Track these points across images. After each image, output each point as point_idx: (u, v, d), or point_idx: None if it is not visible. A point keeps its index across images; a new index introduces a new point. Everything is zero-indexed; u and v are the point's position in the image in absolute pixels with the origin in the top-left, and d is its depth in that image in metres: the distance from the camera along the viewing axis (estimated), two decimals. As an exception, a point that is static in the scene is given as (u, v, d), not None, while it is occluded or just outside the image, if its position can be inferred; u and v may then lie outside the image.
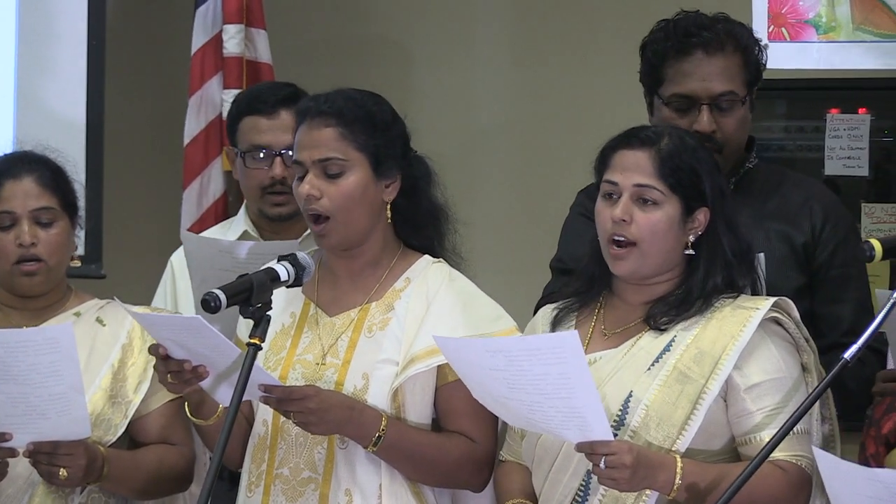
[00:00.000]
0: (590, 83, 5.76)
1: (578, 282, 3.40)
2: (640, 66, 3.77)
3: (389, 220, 3.43)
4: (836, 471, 2.83)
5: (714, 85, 3.65)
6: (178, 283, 4.13)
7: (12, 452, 3.35)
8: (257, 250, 3.77)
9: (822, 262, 3.70)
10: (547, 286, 3.79)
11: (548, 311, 3.41)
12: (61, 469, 3.34)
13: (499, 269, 3.82)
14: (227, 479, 3.80)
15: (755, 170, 3.78)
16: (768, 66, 3.80)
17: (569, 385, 2.98)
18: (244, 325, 3.43)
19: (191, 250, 3.98)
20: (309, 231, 3.98)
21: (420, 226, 3.47)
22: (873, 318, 3.05)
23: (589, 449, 3.03)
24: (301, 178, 3.37)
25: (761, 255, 3.48)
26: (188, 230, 4.95)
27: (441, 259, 3.47)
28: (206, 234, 4.38)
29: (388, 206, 3.42)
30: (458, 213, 3.50)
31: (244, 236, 4.17)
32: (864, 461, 3.14)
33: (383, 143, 3.38)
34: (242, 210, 4.26)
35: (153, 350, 3.22)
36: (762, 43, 3.76)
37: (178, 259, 4.17)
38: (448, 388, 3.33)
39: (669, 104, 3.69)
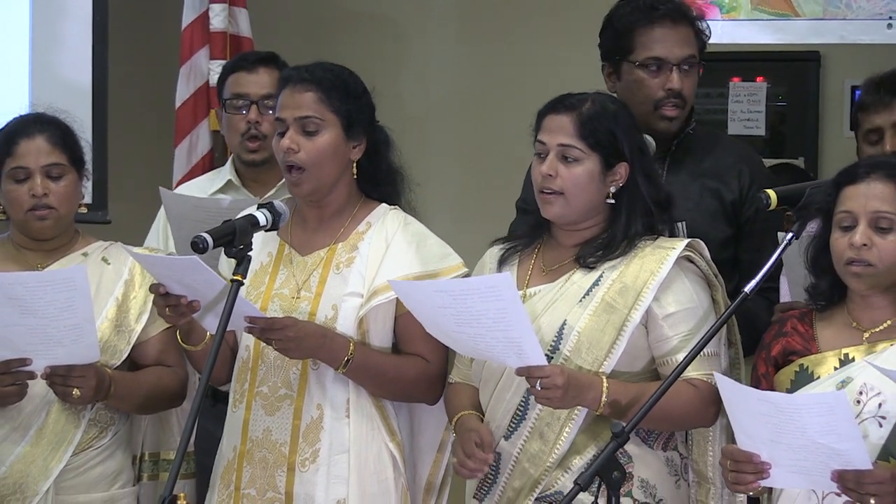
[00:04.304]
0: (527, 56, 5.75)
1: (525, 227, 3.40)
2: (601, 37, 3.74)
3: (355, 177, 3.41)
4: (733, 392, 2.87)
5: (682, 49, 3.65)
6: (170, 223, 4.10)
7: (31, 375, 3.34)
8: (225, 205, 3.78)
9: (749, 216, 3.69)
10: (512, 223, 3.78)
11: (495, 251, 3.40)
12: (74, 389, 3.34)
13: (448, 219, 3.81)
14: (211, 396, 3.83)
15: (693, 133, 3.77)
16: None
17: (506, 319, 2.99)
18: (226, 266, 3.41)
19: (169, 206, 3.97)
20: (282, 181, 3.98)
21: (380, 183, 3.45)
22: (769, 257, 3.06)
23: (526, 373, 3.05)
24: (282, 134, 3.35)
25: (682, 224, 3.50)
26: (179, 182, 4.94)
27: (397, 206, 3.46)
28: (196, 181, 4.39)
29: (354, 165, 3.40)
30: (413, 172, 3.49)
31: (228, 184, 4.17)
32: (756, 379, 3.17)
33: (355, 109, 3.37)
34: (228, 162, 4.26)
35: (153, 288, 3.22)
36: (706, 22, 3.75)
37: None
38: (405, 316, 3.31)
39: (644, 66, 3.65)
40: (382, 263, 3.33)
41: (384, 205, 3.44)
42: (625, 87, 3.67)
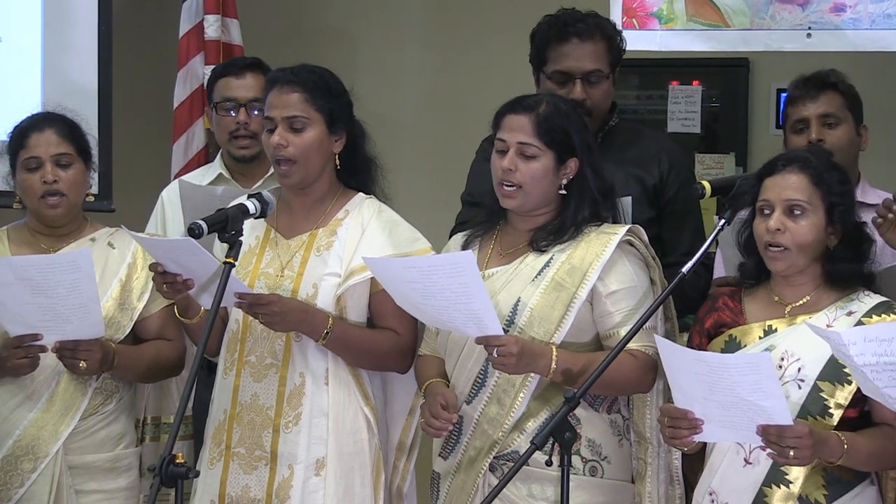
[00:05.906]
0: (489, 61, 5.76)
1: (483, 214, 3.40)
2: (529, 50, 3.76)
3: (338, 167, 3.41)
4: (671, 353, 2.89)
5: (585, 64, 3.64)
6: (167, 212, 4.11)
7: (42, 349, 3.35)
8: (233, 195, 3.73)
9: (669, 199, 3.71)
10: (458, 215, 3.79)
11: (458, 238, 3.42)
12: (81, 361, 3.35)
13: (417, 208, 3.81)
14: (206, 367, 3.80)
15: (617, 127, 3.78)
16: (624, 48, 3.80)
17: (467, 293, 3.00)
18: (219, 249, 3.40)
19: (185, 195, 3.96)
20: (270, 173, 3.98)
21: (358, 172, 3.45)
22: (705, 241, 3.09)
23: (485, 342, 3.07)
24: (270, 132, 3.35)
25: (628, 199, 3.51)
26: (176, 175, 4.92)
27: (372, 195, 3.46)
28: (188, 176, 4.37)
29: (336, 156, 3.40)
30: (386, 164, 3.49)
31: (219, 177, 4.16)
32: (692, 350, 3.18)
33: (336, 107, 3.37)
34: (218, 157, 4.25)
35: (153, 267, 3.22)
36: (622, 34, 3.76)
37: (167, 194, 4.15)
38: (379, 294, 3.32)
39: (551, 79, 3.67)
40: (358, 247, 3.33)
41: (361, 194, 3.44)
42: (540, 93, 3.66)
